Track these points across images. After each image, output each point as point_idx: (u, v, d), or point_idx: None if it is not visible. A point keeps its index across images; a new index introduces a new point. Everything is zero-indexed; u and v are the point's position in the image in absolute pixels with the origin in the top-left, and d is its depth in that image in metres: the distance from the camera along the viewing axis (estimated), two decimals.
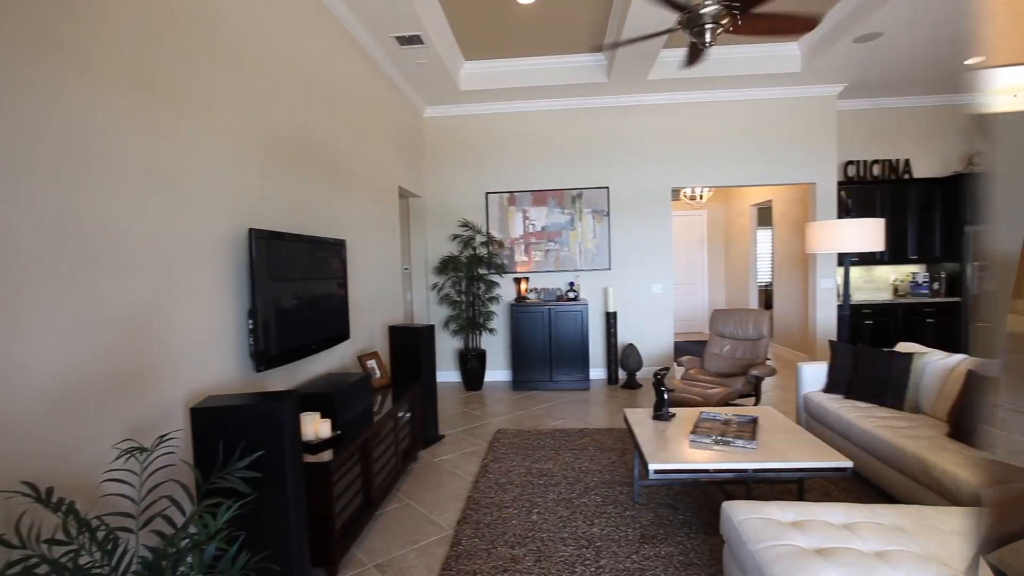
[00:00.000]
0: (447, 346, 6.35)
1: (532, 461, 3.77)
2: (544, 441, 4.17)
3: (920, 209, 6.38)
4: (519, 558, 2.57)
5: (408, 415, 3.75)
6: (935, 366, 3.29)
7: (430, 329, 4.22)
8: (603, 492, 3.24)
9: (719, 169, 6.13)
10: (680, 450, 2.76)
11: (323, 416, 2.69)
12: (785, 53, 5.43)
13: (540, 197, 6.19)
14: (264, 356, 2.54)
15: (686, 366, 4.65)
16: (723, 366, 4.62)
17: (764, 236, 8.60)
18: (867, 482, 3.22)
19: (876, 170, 6.54)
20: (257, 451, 1.85)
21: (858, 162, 6.55)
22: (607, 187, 6.15)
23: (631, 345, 5.88)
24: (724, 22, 3.11)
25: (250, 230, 2.45)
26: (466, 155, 6.28)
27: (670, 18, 3.97)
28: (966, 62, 5.38)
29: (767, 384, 5.68)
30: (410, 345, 4.08)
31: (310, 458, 2.38)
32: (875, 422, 3.11)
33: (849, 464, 2.54)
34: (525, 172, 6.23)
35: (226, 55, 2.49)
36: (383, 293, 4.65)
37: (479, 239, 6.14)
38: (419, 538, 2.83)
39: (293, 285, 2.85)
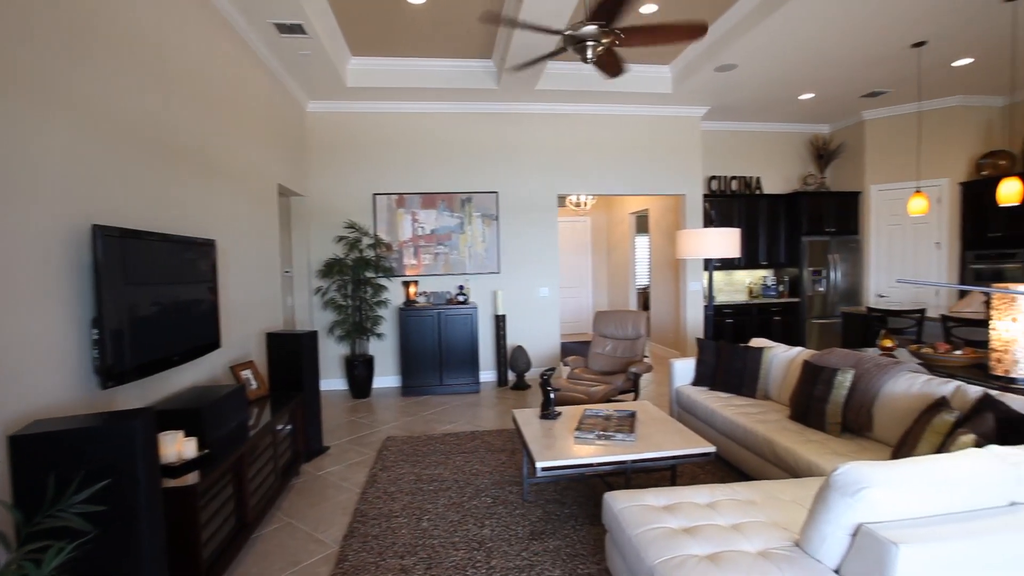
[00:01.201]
0: (332, 353, 6.06)
1: (422, 467, 3.72)
2: (435, 446, 4.13)
3: (769, 221, 7.24)
4: (409, 568, 2.52)
5: (289, 427, 3.52)
6: (780, 358, 3.75)
7: (313, 335, 4.00)
8: (494, 493, 3.28)
9: (601, 178, 6.50)
10: (566, 447, 2.87)
11: (188, 434, 2.45)
12: (659, 75, 5.90)
13: (430, 200, 6.14)
14: (113, 371, 2.24)
15: (572, 366, 4.86)
16: (605, 365, 4.89)
17: (642, 242, 9.24)
18: (728, 464, 3.58)
19: (734, 185, 7.33)
20: (101, 480, 1.63)
21: (720, 177, 7.28)
22: (496, 192, 6.25)
23: (520, 347, 6.03)
24: (605, 40, 3.31)
25: (93, 227, 2.15)
26: (353, 154, 6.06)
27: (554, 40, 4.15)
28: (800, 97, 6.22)
29: (645, 380, 6.11)
30: (291, 353, 3.84)
31: (172, 483, 2.15)
32: (733, 410, 3.46)
33: (713, 449, 2.81)
34: (414, 174, 6.15)
35: (70, 31, 2.18)
36: (260, 298, 4.34)
37: (366, 241, 5.95)
38: (301, 558, 2.66)
39: (153, 290, 2.56)
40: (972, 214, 6.48)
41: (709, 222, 6.96)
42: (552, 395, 3.37)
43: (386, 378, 6.18)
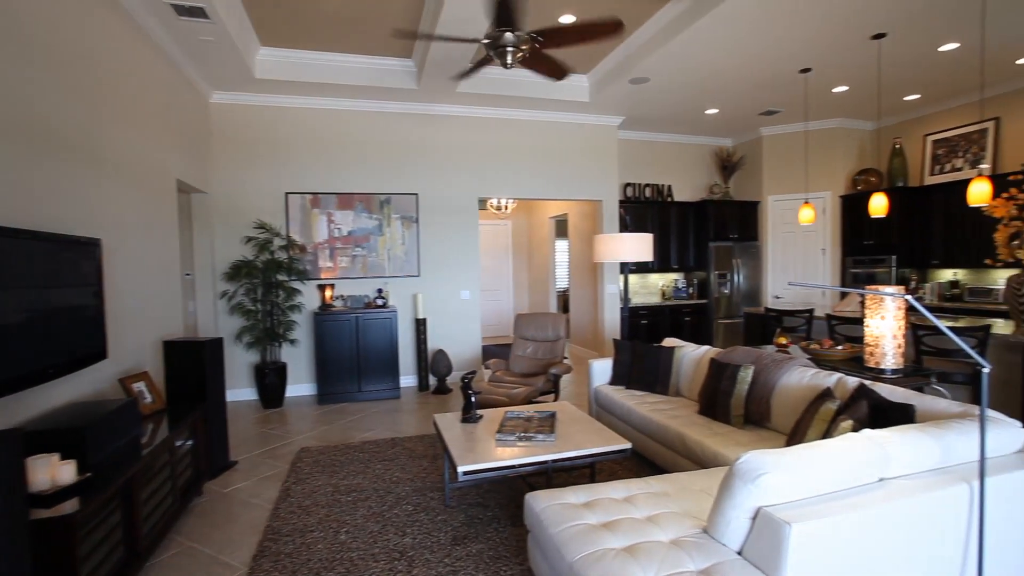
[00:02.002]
0: (241, 361, 5.70)
1: (340, 478, 3.58)
2: (353, 455, 3.99)
3: (679, 227, 7.67)
4: None
5: (189, 443, 3.26)
6: (689, 357, 3.97)
7: (217, 342, 3.74)
8: (415, 500, 3.21)
9: (522, 182, 6.59)
10: (488, 450, 2.87)
11: (66, 457, 2.19)
12: (577, 84, 6.08)
13: (347, 200, 5.94)
14: None
15: (493, 368, 4.88)
16: (526, 367, 4.95)
17: (562, 246, 9.47)
18: (644, 458, 3.74)
19: (648, 192, 7.69)
20: None
21: (635, 184, 7.62)
22: (416, 194, 6.16)
23: (441, 351, 5.97)
24: (524, 46, 3.36)
25: None
26: (264, 150, 5.74)
27: (478, 33, 4.16)
28: (706, 112, 6.66)
29: (565, 381, 6.25)
30: (192, 362, 3.56)
31: (44, 513, 1.91)
32: (648, 407, 3.63)
33: (629, 445, 2.92)
34: (331, 173, 5.92)
35: None
36: (156, 303, 3.99)
37: (278, 243, 5.65)
38: None
39: (19, 294, 2.27)
40: (850, 224, 7.23)
41: (624, 227, 7.26)
42: (473, 398, 3.36)
43: (300, 386, 5.90)
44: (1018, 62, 5.33)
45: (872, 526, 1.70)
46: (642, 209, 7.48)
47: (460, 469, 2.65)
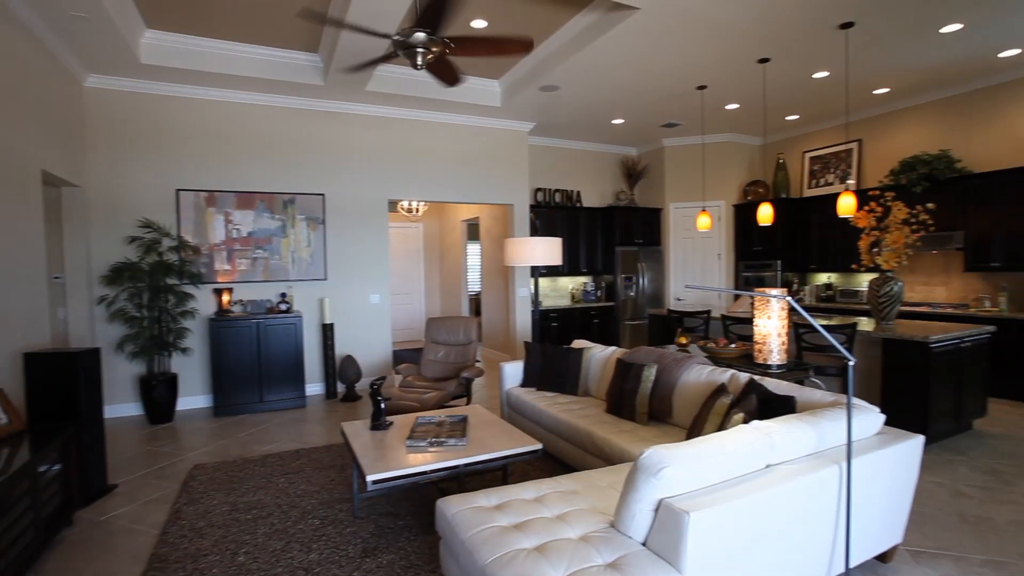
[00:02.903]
0: (124, 373, 5.16)
1: (238, 495, 3.34)
2: (253, 470, 3.74)
3: (588, 231, 7.94)
4: None
5: (56, 468, 2.90)
6: (597, 358, 4.11)
7: (94, 353, 3.35)
8: (321, 514, 3.06)
9: (433, 185, 6.52)
10: (398, 457, 2.80)
11: None
12: (489, 89, 6.12)
13: (247, 199, 5.57)
14: None
15: (404, 374, 4.78)
16: (438, 371, 4.90)
17: (474, 249, 9.48)
18: (555, 458, 3.81)
19: (558, 198, 7.90)
20: None
21: (545, 189, 7.79)
22: (323, 194, 5.91)
23: (349, 357, 5.76)
24: (435, 48, 3.33)
25: None
26: (150, 142, 5.24)
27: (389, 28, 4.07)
28: (613, 121, 6.96)
29: (477, 384, 6.25)
30: (62, 375, 3.17)
31: None
32: (558, 407, 3.71)
33: (540, 446, 2.97)
34: (229, 170, 5.53)
35: None
36: (15, 310, 3.52)
37: (168, 243, 5.19)
38: None
39: None
40: (742, 231, 7.85)
41: (535, 231, 7.40)
42: (383, 405, 3.27)
43: (194, 398, 5.44)
44: (875, 92, 6.06)
45: (761, 509, 1.85)
46: (552, 214, 7.67)
47: (369, 478, 2.57)
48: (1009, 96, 5.59)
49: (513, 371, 4.36)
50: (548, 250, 4.46)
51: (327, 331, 5.77)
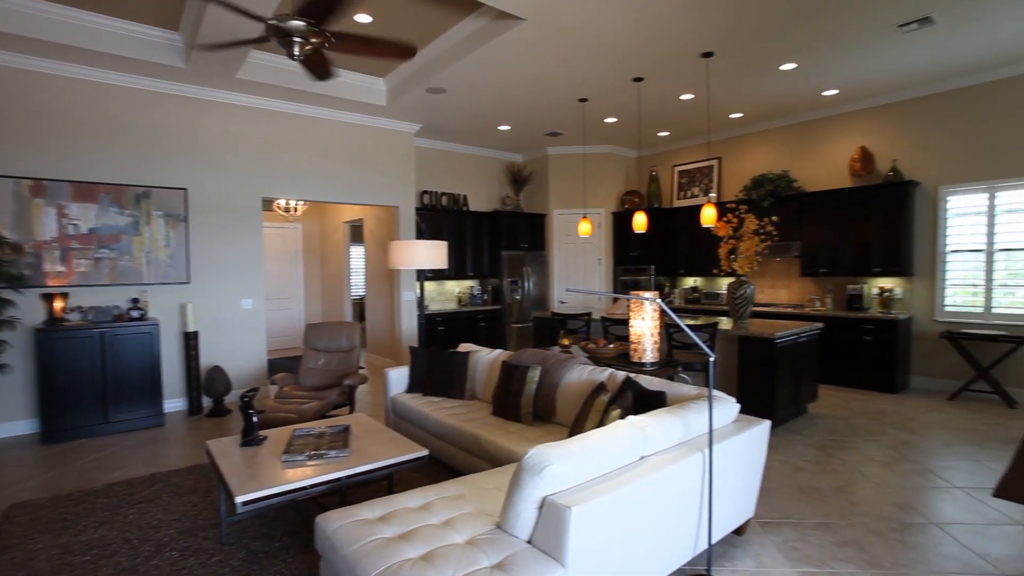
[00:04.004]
0: None
1: (73, 534, 2.88)
2: (94, 503, 3.26)
3: (474, 235, 7.99)
4: None
5: None
6: (483, 361, 4.14)
7: None
8: (182, 544, 2.75)
9: (314, 183, 6.17)
10: (273, 473, 2.60)
11: None
12: (374, 87, 5.93)
13: (87, 191, 4.86)
14: None
15: (280, 384, 4.46)
16: (318, 379, 4.63)
17: (357, 252, 9.12)
18: (443, 463, 3.76)
19: (445, 201, 7.86)
20: None
21: (432, 192, 7.72)
22: (186, 188, 5.34)
23: (217, 367, 5.25)
24: (314, 40, 3.15)
25: None
26: None
27: (258, 27, 3.78)
28: (499, 127, 7.08)
29: (361, 391, 6.00)
30: None
31: None
32: (444, 412, 3.67)
33: (425, 452, 2.91)
34: (63, 156, 4.79)
35: None
36: None
37: None
38: None
39: None
40: (620, 237, 8.37)
41: (421, 234, 7.30)
42: (255, 418, 3.02)
43: (12, 424, 4.63)
44: (731, 116, 6.77)
45: (636, 498, 1.96)
46: (439, 217, 7.62)
47: (239, 499, 2.35)
48: (831, 129, 6.54)
49: (398, 377, 4.25)
50: (434, 253, 4.41)
51: (190, 340, 5.21)
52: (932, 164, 5.78)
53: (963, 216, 5.62)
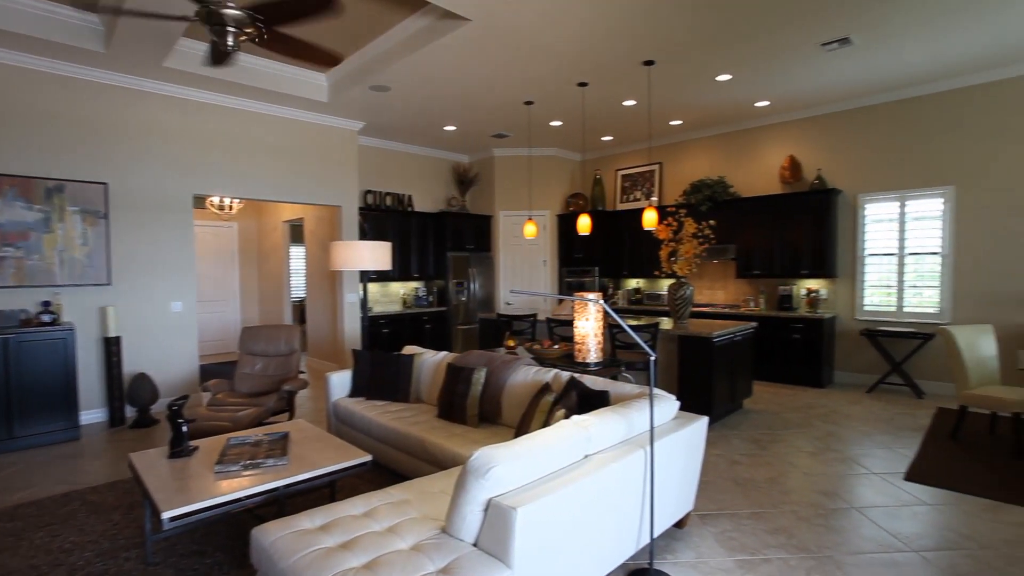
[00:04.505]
0: None
1: None
2: None
3: (419, 236, 7.89)
4: None
5: None
6: (428, 363, 4.08)
7: None
8: (100, 568, 2.55)
9: (251, 181, 5.91)
10: (204, 486, 2.46)
11: None
12: (315, 82, 5.74)
13: None
14: None
15: (214, 391, 4.23)
16: (255, 385, 4.43)
17: (298, 252, 8.80)
18: (386, 468, 3.68)
19: (389, 201, 7.72)
20: None
21: (376, 192, 7.56)
22: (106, 183, 4.98)
23: (142, 375, 4.92)
24: (248, 30, 3.02)
25: None
26: None
27: (188, 6, 3.58)
28: (445, 128, 7.02)
29: (302, 397, 5.79)
30: None
31: None
32: (389, 416, 3.59)
33: (369, 458, 2.84)
34: None
35: None
36: None
37: None
38: None
39: None
40: (565, 239, 8.48)
41: (364, 235, 7.14)
42: (185, 428, 2.85)
43: None
44: (671, 123, 7.01)
45: (580, 496, 1.98)
46: (383, 217, 7.47)
47: (165, 515, 2.20)
48: (763, 138, 6.89)
49: (340, 381, 4.12)
50: (378, 254, 4.32)
51: (112, 346, 4.86)
52: (852, 173, 6.20)
53: (879, 222, 6.05)
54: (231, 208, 7.92)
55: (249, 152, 5.88)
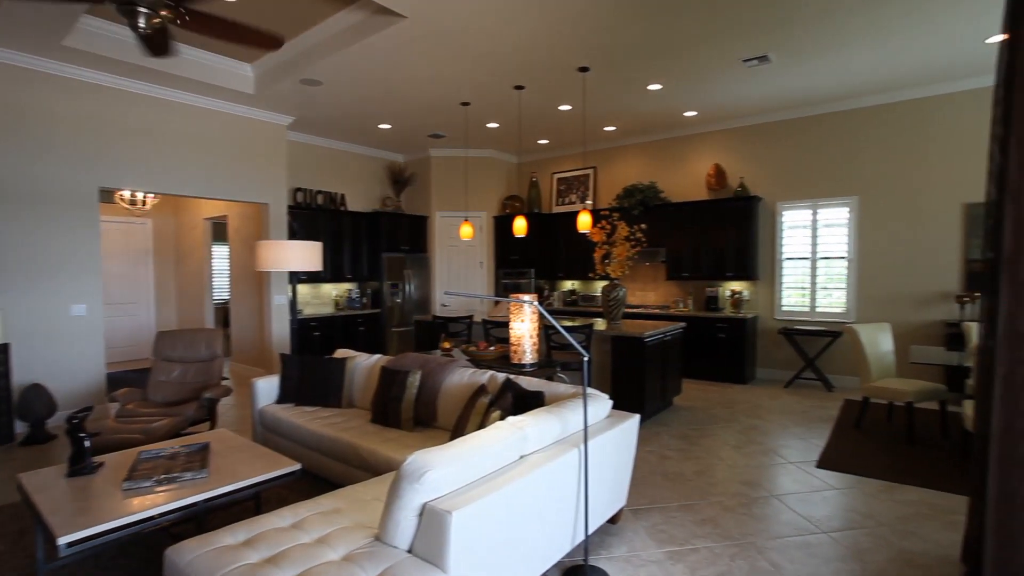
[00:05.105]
0: None
1: None
2: None
3: (353, 236, 7.66)
4: None
5: None
6: (362, 367, 3.97)
7: None
8: None
9: (166, 175, 5.51)
10: (109, 505, 2.25)
11: None
12: (240, 72, 5.44)
13: None
14: None
15: (123, 401, 3.91)
16: (172, 393, 4.14)
17: (221, 251, 8.32)
18: (318, 477, 3.53)
19: (320, 199, 7.44)
20: None
21: (306, 190, 7.27)
22: None
23: (36, 385, 4.47)
24: (164, 13, 2.82)
25: None
26: None
27: None
28: (380, 126, 6.86)
29: (225, 405, 5.47)
30: None
31: None
32: (319, 422, 3.45)
33: (297, 467, 2.71)
34: None
35: None
36: None
37: None
38: None
39: None
40: (502, 241, 8.50)
41: (293, 234, 6.85)
42: (87, 443, 2.60)
43: None
44: (605, 129, 7.19)
45: (516, 497, 1.98)
46: (314, 216, 7.20)
47: (61, 540, 2.00)
48: (691, 146, 7.22)
49: (267, 387, 3.92)
50: (307, 254, 4.15)
51: None
52: (771, 182, 6.61)
53: (794, 228, 6.48)
54: (145, 203, 7.37)
55: (166, 144, 5.49)
